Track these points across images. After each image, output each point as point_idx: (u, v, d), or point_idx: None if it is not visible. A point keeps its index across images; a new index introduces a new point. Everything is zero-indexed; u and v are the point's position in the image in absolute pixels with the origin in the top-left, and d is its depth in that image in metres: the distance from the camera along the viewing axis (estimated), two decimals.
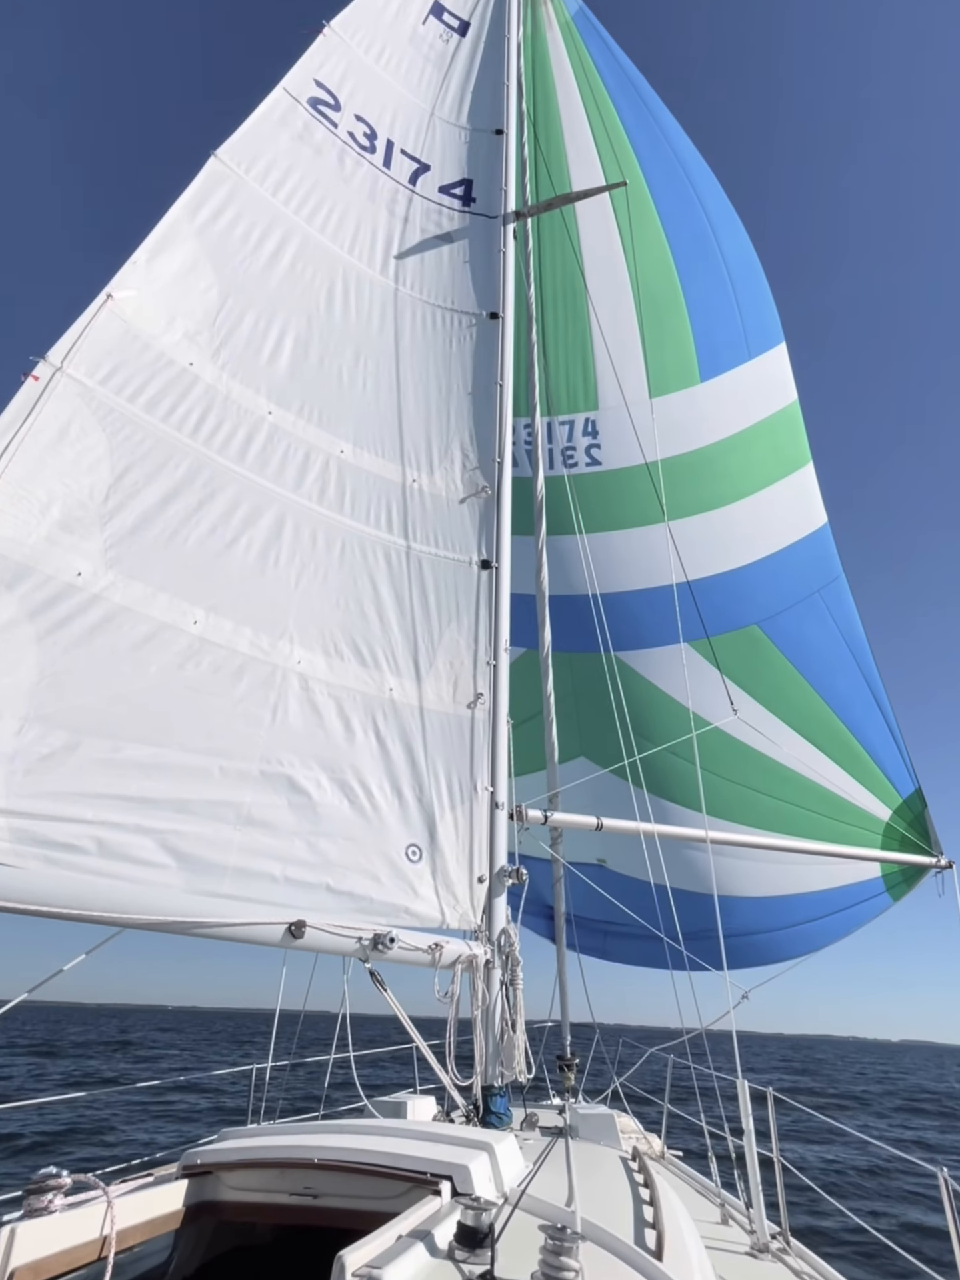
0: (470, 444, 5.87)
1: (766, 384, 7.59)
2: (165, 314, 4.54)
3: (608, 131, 8.30)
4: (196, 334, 4.70)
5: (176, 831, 3.28)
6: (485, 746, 4.67)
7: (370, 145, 6.86)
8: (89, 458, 3.67)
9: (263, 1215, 2.53)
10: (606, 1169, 3.48)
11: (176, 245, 4.87)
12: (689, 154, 8.37)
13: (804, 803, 6.34)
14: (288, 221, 5.74)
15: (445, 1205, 2.22)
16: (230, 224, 5.31)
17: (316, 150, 6.32)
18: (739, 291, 7.85)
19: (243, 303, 5.13)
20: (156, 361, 4.34)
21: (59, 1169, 2.22)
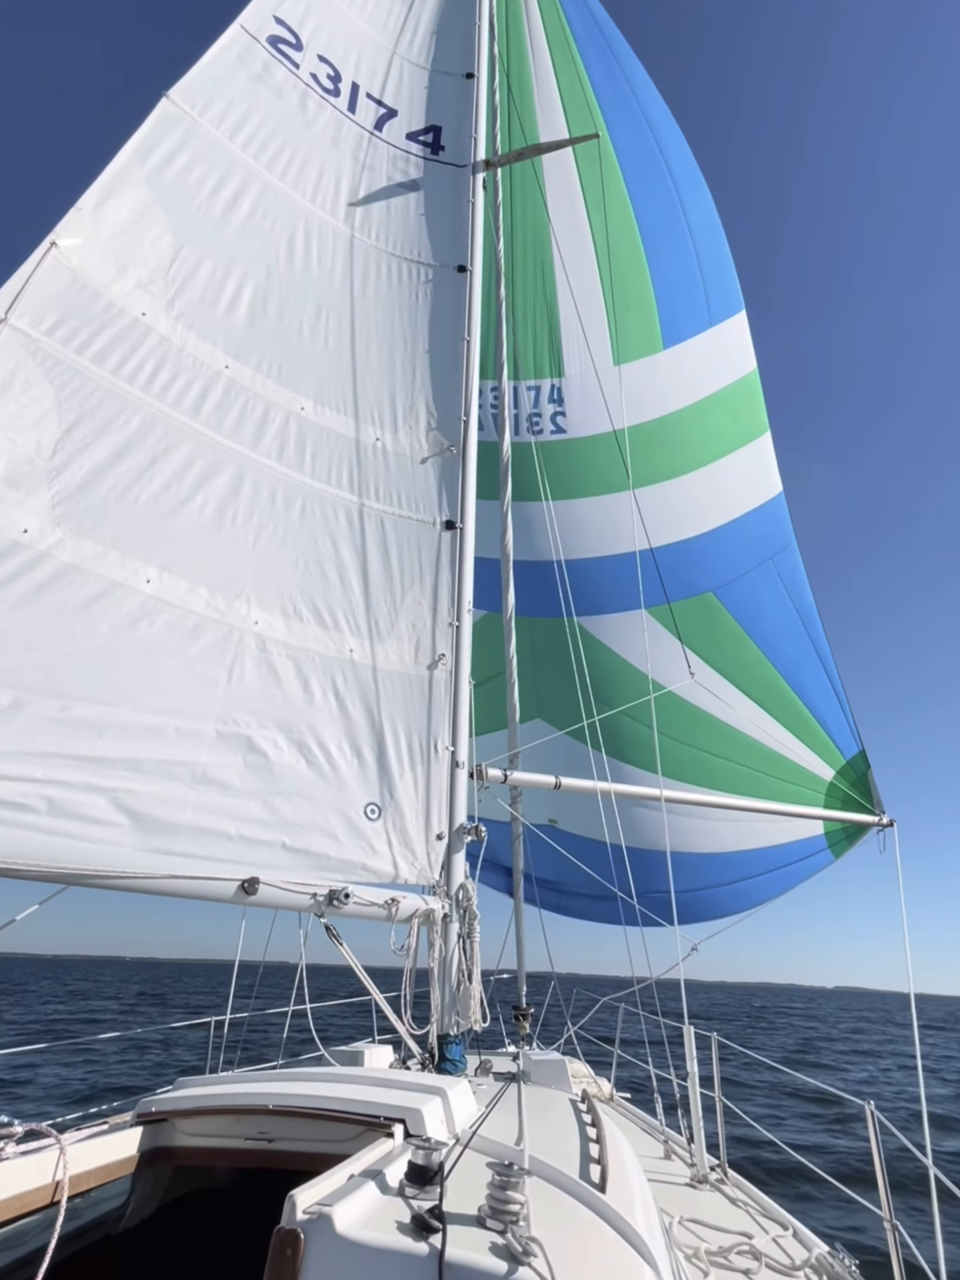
0: (435, 402, 5.78)
1: (727, 352, 7.56)
2: (115, 262, 4.39)
3: (576, 84, 8.04)
4: (149, 283, 4.55)
5: (129, 790, 3.28)
6: (446, 707, 4.70)
7: (334, 88, 6.61)
8: (35, 411, 3.58)
9: (218, 1159, 2.59)
10: (556, 1111, 3.62)
11: (126, 191, 4.69)
12: (657, 111, 8.15)
13: (752, 763, 6.53)
14: (246, 167, 5.54)
15: (397, 1146, 2.28)
16: (184, 169, 5.11)
17: (277, 92, 6.07)
18: (702, 256, 7.77)
19: (199, 252, 4.96)
20: (107, 312, 4.21)
21: (9, 1118, 2.24)
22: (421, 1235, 1.56)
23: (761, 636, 6.84)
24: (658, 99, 8.16)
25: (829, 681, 6.67)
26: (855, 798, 6.26)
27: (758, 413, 7.43)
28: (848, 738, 6.57)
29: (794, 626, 6.87)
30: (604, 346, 7.46)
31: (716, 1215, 3.43)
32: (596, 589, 5.99)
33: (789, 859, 6.51)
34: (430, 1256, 1.49)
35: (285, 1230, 1.57)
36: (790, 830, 6.45)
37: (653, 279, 7.64)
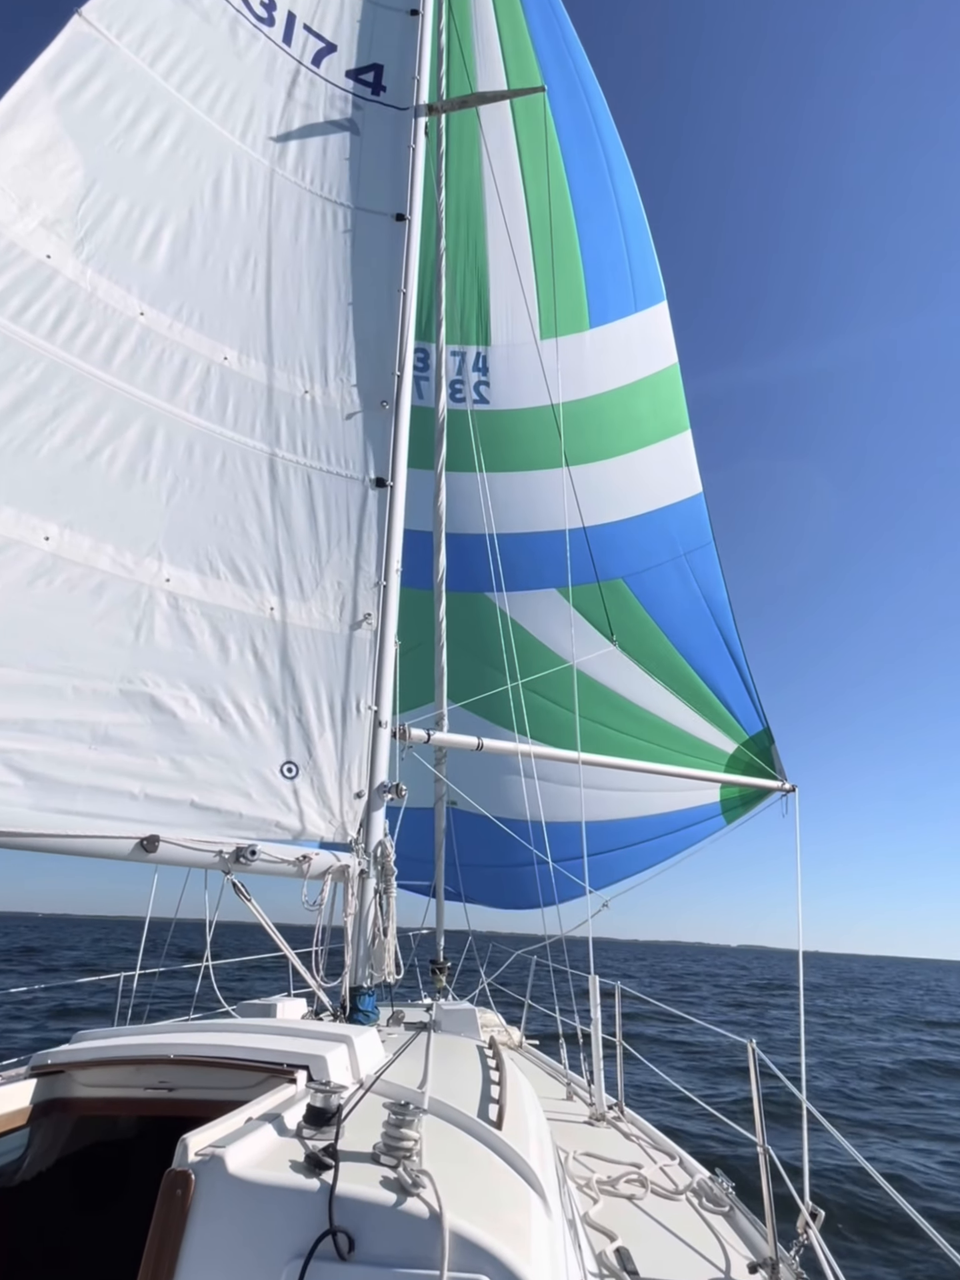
0: (369, 355, 5.63)
1: (650, 340, 7.54)
2: (17, 198, 4.17)
3: (516, 35, 7.75)
4: (56, 223, 4.34)
5: (22, 751, 3.25)
6: (370, 666, 4.69)
7: (268, 16, 6.26)
8: None
9: (117, 1109, 2.60)
10: (461, 1055, 3.73)
11: (32, 119, 4.43)
12: (591, 82, 7.90)
13: (653, 738, 6.79)
14: (168, 98, 5.25)
15: (299, 1092, 2.29)
16: (98, 98, 4.83)
17: (204, 17, 5.74)
18: (630, 237, 7.67)
19: (113, 189, 4.73)
20: (7, 253, 4.02)
21: None
22: (314, 1172, 1.59)
23: (669, 625, 7.03)
24: (589, 68, 7.91)
25: (736, 669, 6.94)
26: (761, 766, 6.51)
27: (678, 408, 7.44)
28: (752, 717, 6.85)
29: (703, 619, 7.08)
30: (532, 317, 7.36)
31: (610, 1149, 3.60)
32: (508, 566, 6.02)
33: (683, 824, 6.79)
34: (321, 1192, 1.51)
35: (175, 1172, 1.58)
36: (685, 799, 6.72)
37: (583, 253, 7.53)
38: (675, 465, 7.36)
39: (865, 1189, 6.30)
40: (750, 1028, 17.45)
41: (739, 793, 6.68)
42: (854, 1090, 11.94)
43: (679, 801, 6.68)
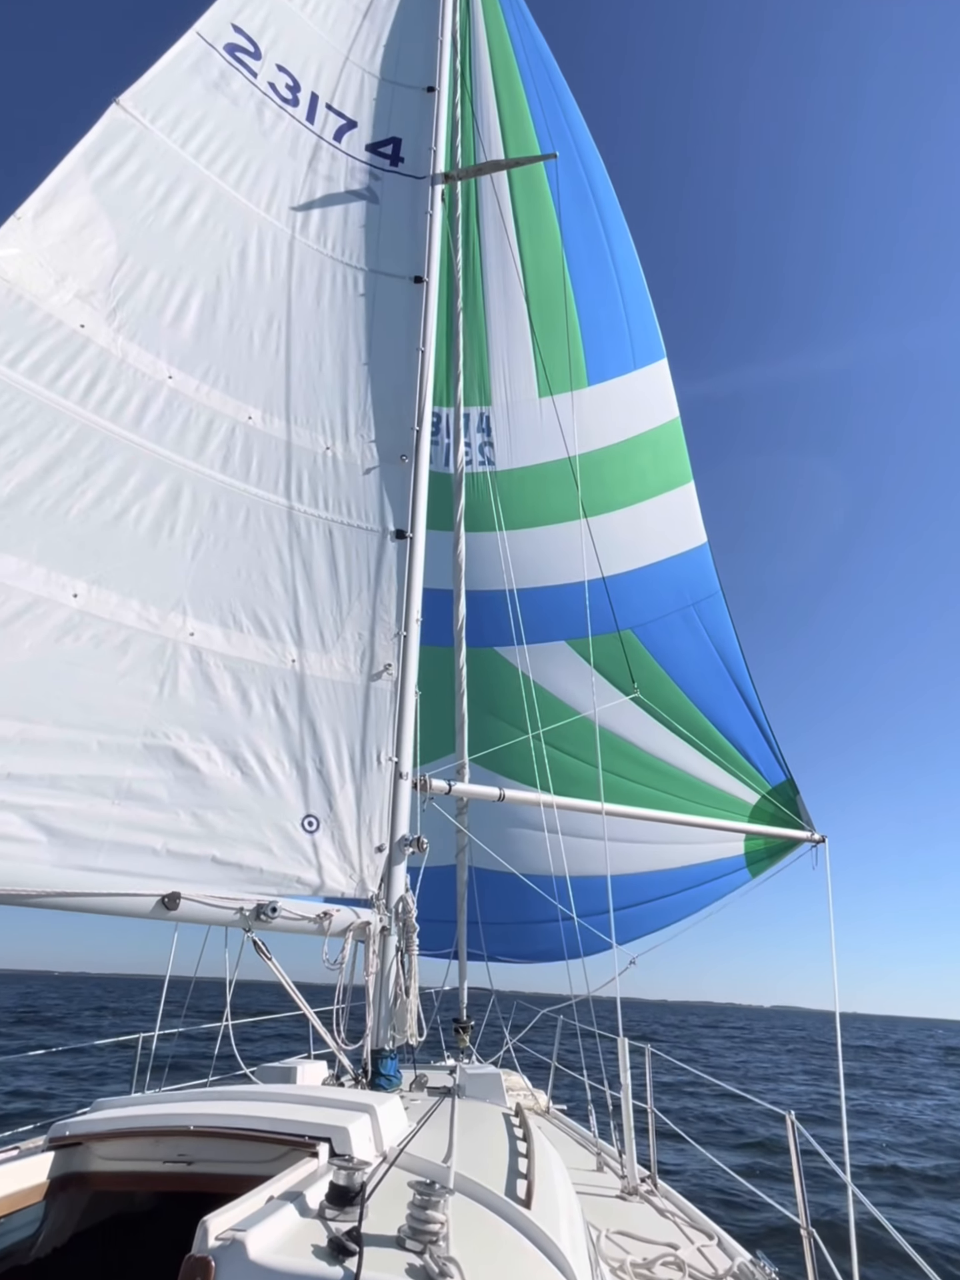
0: (389, 411, 5.77)
1: (650, 396, 7.73)
2: (54, 273, 4.38)
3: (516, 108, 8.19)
4: (90, 294, 4.54)
5: (47, 807, 3.26)
6: (390, 717, 4.69)
7: (293, 98, 6.61)
8: None
9: (135, 1184, 2.51)
10: (487, 1125, 3.60)
11: (70, 199, 4.67)
12: (589, 150, 8.28)
13: (674, 790, 6.70)
14: (198, 175, 5.53)
15: (321, 1166, 2.22)
16: (133, 177, 5.10)
17: (233, 100, 6.07)
18: (627, 298, 7.93)
19: (144, 261, 4.95)
20: (43, 324, 4.20)
21: None
22: (337, 1259, 1.52)
23: (681, 676, 7.02)
24: (588, 136, 8.31)
25: (753, 718, 6.88)
26: (788, 817, 6.37)
27: (680, 461, 7.60)
28: (774, 768, 6.74)
29: (715, 669, 7.07)
30: (530, 377, 7.61)
31: (645, 1227, 3.43)
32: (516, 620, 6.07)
33: (708, 877, 6.64)
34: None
35: (195, 1258, 1.52)
36: (709, 851, 6.58)
37: (580, 314, 7.76)
38: (679, 517, 7.47)
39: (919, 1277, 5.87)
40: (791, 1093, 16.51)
41: (764, 845, 6.53)
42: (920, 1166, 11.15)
43: (703, 854, 6.53)
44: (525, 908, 4.98)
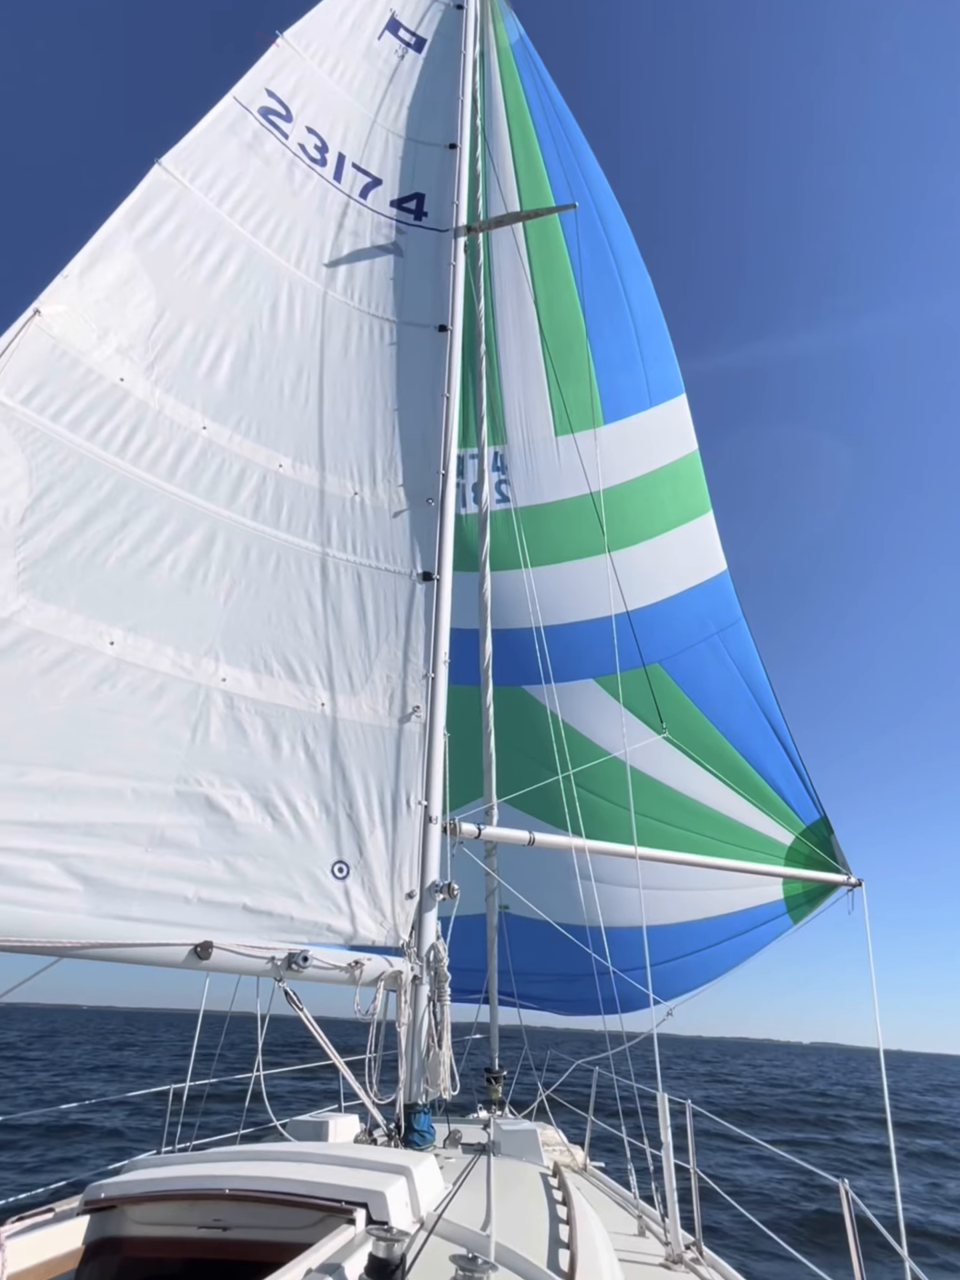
0: (415, 456, 5.87)
1: (668, 431, 7.87)
2: (97, 328, 4.53)
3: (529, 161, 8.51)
4: (130, 348, 4.69)
5: (83, 855, 3.27)
6: (419, 760, 4.67)
7: (321, 158, 6.86)
8: (5, 480, 3.66)
9: (169, 1250, 2.45)
10: (525, 1187, 3.49)
11: (113, 257, 4.86)
12: (604, 195, 8.56)
13: (707, 831, 6.57)
14: (232, 233, 5.73)
15: (358, 1235, 2.17)
16: (172, 235, 5.29)
17: (266, 161, 6.31)
18: (642, 338, 8.12)
19: (181, 316, 5.11)
20: (85, 378, 4.33)
21: None
22: None
23: (710, 708, 6.99)
24: (604, 181, 8.62)
25: (784, 751, 6.78)
26: (819, 861, 6.21)
27: (699, 492, 7.71)
28: (807, 805, 6.60)
29: (744, 699, 7.03)
30: (545, 417, 7.79)
31: None
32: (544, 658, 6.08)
33: (747, 925, 6.46)
34: None
35: None
36: (748, 897, 6.42)
37: (594, 355, 7.95)
38: (699, 546, 7.53)
39: None
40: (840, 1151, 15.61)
41: (803, 888, 6.37)
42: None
43: (742, 900, 6.38)
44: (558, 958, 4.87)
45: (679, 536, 7.53)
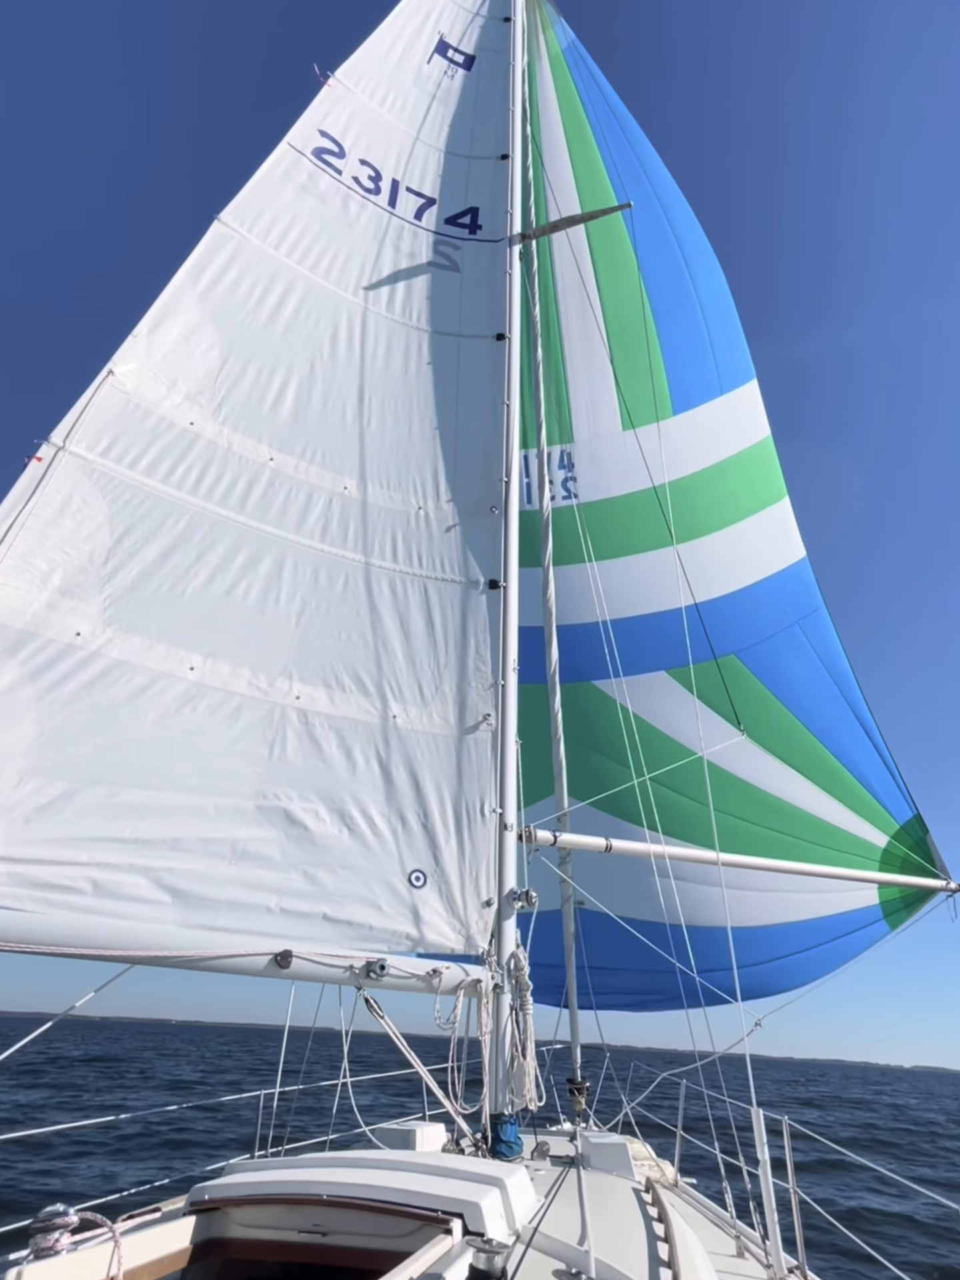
0: (477, 466, 5.93)
1: (739, 419, 7.68)
2: (166, 380, 4.86)
3: (589, 163, 8.46)
4: (197, 394, 5.00)
5: (170, 869, 3.50)
6: (492, 768, 4.70)
7: (375, 187, 7.08)
8: (89, 526, 3.99)
9: (271, 1253, 2.53)
10: (619, 1201, 3.42)
11: (179, 313, 5.20)
12: (668, 190, 8.45)
13: (795, 831, 6.17)
14: (291, 273, 6.00)
15: (456, 1245, 2.19)
16: (233, 284, 5.60)
17: (321, 199, 6.57)
18: (711, 328, 7.96)
19: (245, 357, 5.40)
20: (157, 426, 4.66)
21: (65, 1206, 2.21)
22: None
23: (792, 700, 6.67)
24: (668, 178, 8.49)
25: (871, 744, 6.33)
26: (914, 864, 5.72)
27: (773, 478, 7.47)
28: (899, 802, 6.11)
29: (827, 690, 6.69)
30: (612, 413, 7.69)
31: None
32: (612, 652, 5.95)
33: (840, 931, 6.01)
34: None
35: None
36: (840, 901, 5.98)
37: (663, 349, 7.83)
38: (776, 534, 7.30)
39: None
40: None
41: (900, 893, 5.93)
42: None
43: (833, 904, 6.00)
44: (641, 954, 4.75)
45: (753, 525, 7.29)
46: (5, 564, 3.55)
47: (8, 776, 3.24)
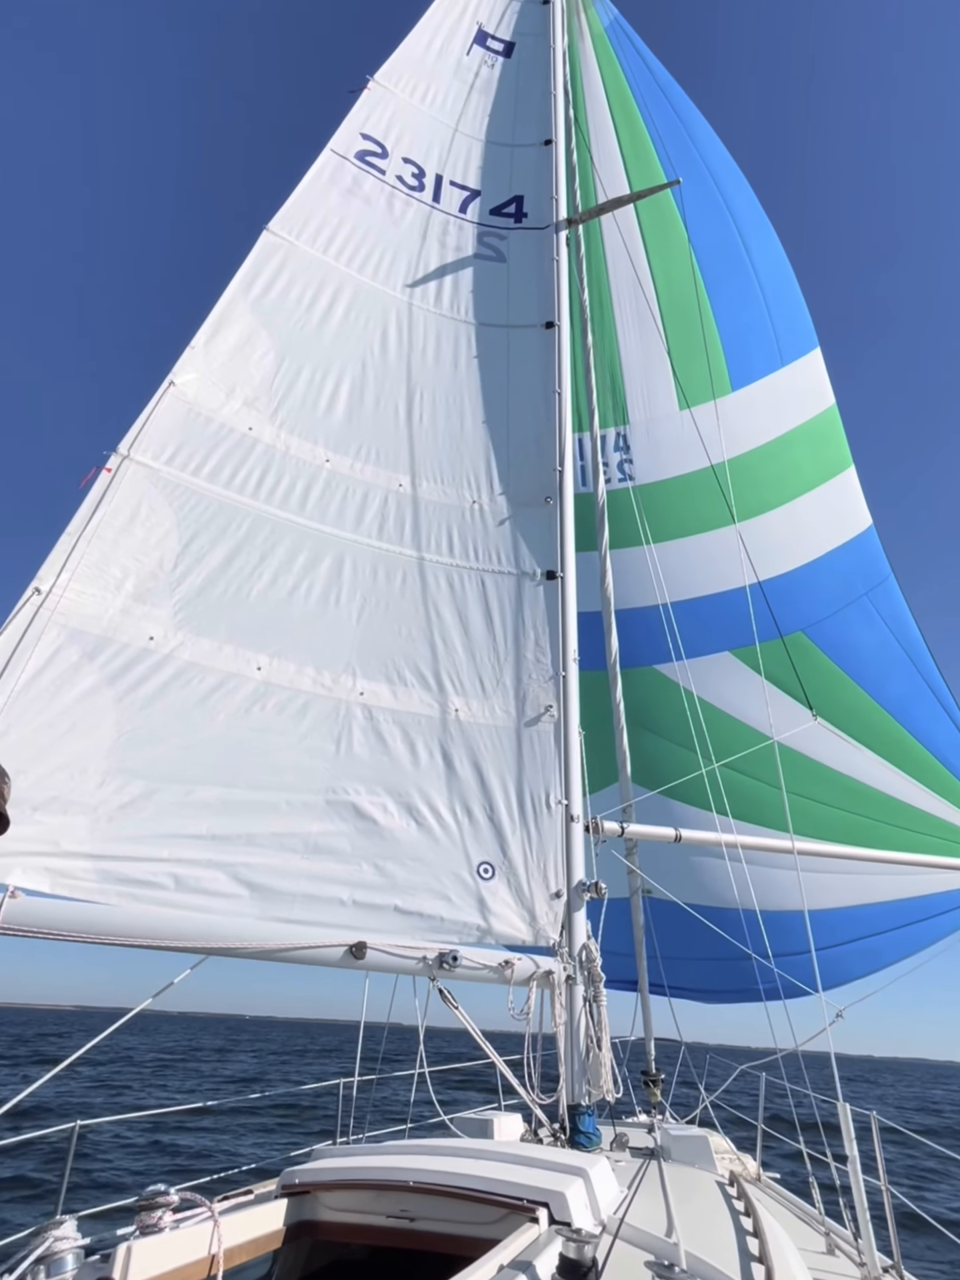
0: (530, 456, 5.89)
1: (802, 390, 7.44)
2: (224, 387, 4.98)
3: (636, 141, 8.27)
4: (255, 400, 5.11)
5: (246, 864, 3.60)
6: (555, 759, 4.67)
7: (419, 184, 7.09)
8: (158, 533, 4.13)
9: (359, 1236, 2.59)
10: (704, 1194, 3.37)
11: (233, 322, 5.32)
12: (721, 162, 8.22)
13: (869, 812, 5.88)
14: (339, 275, 6.07)
15: (544, 1234, 2.21)
16: (284, 290, 5.70)
17: (366, 200, 6.62)
18: (770, 299, 7.74)
19: (298, 361, 5.49)
20: (218, 433, 4.78)
21: (166, 1186, 2.30)
22: None
23: (863, 676, 6.37)
24: (720, 149, 8.25)
25: (949, 718, 6.00)
26: None
27: (839, 447, 7.21)
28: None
29: (900, 664, 6.39)
30: (669, 392, 7.52)
31: None
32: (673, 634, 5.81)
33: (921, 914, 5.71)
34: None
35: None
36: (921, 883, 5.68)
37: (718, 324, 7.63)
38: (840, 505, 7.06)
39: None
40: None
41: None
42: None
43: (916, 886, 5.72)
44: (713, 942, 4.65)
45: (818, 497, 7.05)
46: (82, 572, 3.71)
47: (91, 777, 3.38)
